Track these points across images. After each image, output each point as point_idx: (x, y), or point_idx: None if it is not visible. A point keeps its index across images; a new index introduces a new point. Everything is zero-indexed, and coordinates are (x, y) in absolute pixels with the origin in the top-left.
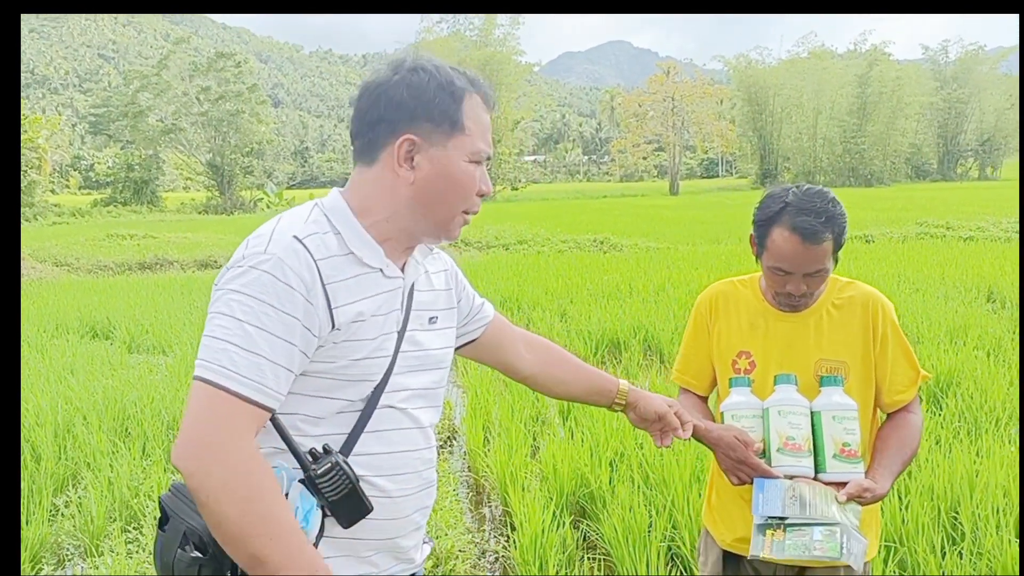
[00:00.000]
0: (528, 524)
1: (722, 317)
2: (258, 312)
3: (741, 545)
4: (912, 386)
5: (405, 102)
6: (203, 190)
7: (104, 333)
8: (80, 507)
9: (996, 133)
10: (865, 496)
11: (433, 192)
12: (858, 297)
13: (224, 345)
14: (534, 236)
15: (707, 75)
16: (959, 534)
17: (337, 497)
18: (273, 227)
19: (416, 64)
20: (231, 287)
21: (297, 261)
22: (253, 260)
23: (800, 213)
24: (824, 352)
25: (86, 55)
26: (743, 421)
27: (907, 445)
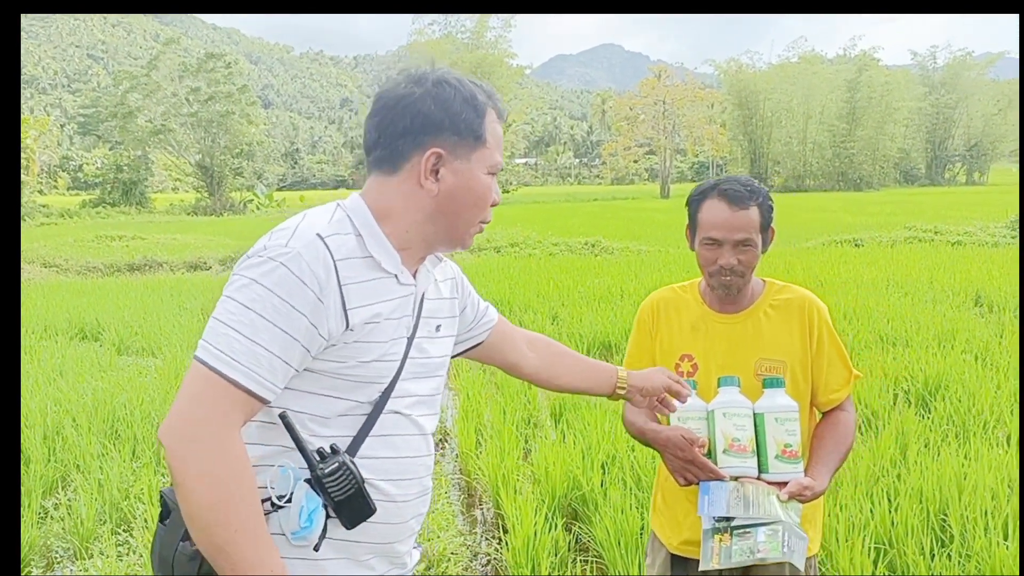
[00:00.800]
0: (520, 526)
1: (664, 322)
2: (266, 302)
3: (687, 548)
4: (846, 385)
5: (433, 115)
6: (192, 191)
7: (93, 335)
8: (70, 510)
9: (984, 138)
10: (805, 494)
11: (455, 204)
12: (794, 299)
13: (226, 330)
14: (525, 239)
15: (698, 79)
16: (948, 536)
17: (342, 497)
18: (298, 223)
19: (440, 78)
20: (246, 274)
21: (315, 258)
22: (273, 252)
23: (727, 184)
24: (764, 352)
25: (75, 55)
26: (690, 423)
27: (842, 443)
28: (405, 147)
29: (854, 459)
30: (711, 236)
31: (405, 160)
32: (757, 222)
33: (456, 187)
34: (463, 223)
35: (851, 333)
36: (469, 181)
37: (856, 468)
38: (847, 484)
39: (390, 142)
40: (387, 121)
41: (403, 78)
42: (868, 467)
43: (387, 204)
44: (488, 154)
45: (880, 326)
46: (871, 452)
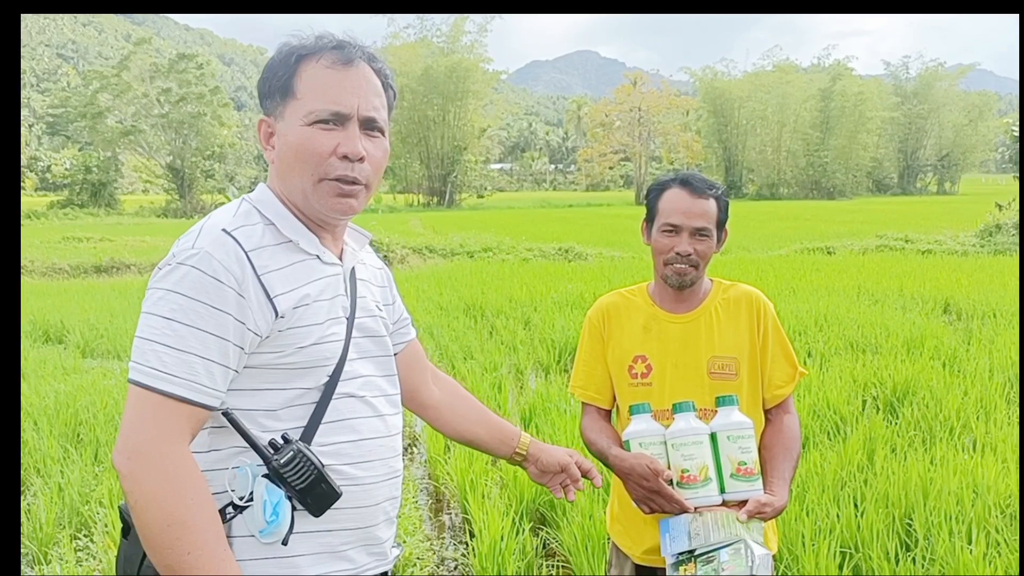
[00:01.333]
0: (487, 531)
1: (615, 326)
2: (187, 309)
3: (651, 557)
4: (790, 382)
5: (260, 87)
6: (163, 193)
7: (57, 337)
8: (29, 514)
9: (955, 149)
10: (765, 511)
11: (284, 165)
12: (742, 296)
13: (153, 346)
14: (499, 244)
15: (674, 86)
16: (913, 540)
17: (304, 484)
18: (202, 224)
19: (281, 47)
20: (161, 286)
21: (226, 254)
22: (181, 256)
23: (687, 176)
24: (716, 350)
25: (44, 54)
26: (651, 449)
27: (792, 448)
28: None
29: (821, 464)
30: (671, 222)
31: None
32: (715, 214)
33: (280, 148)
34: (300, 182)
35: (822, 340)
36: (287, 138)
37: (823, 473)
38: (814, 488)
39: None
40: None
41: None
42: (835, 472)
43: (274, 182)
44: (300, 104)
45: (850, 332)
46: (838, 457)
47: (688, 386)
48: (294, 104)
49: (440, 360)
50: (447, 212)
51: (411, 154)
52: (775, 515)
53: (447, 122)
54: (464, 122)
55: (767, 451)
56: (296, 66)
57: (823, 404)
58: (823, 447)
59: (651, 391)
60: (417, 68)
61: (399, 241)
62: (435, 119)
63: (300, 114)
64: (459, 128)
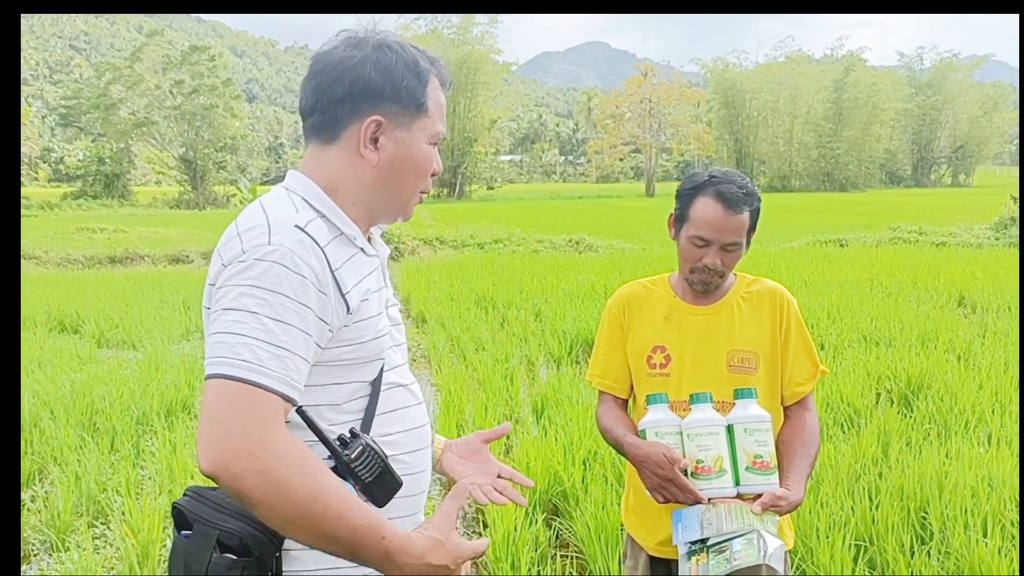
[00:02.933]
0: (500, 522)
1: (635, 315)
2: (274, 304)
3: (665, 548)
4: (811, 380)
5: (373, 81)
6: (175, 185)
7: (73, 327)
8: (46, 502)
9: (969, 140)
10: (780, 504)
11: (397, 174)
12: (765, 291)
13: (243, 340)
14: (509, 236)
15: (685, 78)
16: (928, 534)
17: (372, 478)
18: (264, 219)
19: (382, 42)
20: (239, 282)
21: (305, 250)
22: (259, 253)
23: (723, 183)
24: (736, 343)
25: (57, 46)
26: (668, 439)
27: (810, 446)
28: (343, 114)
29: (835, 457)
30: (702, 236)
31: (344, 128)
32: (747, 225)
33: (396, 156)
34: (405, 193)
35: (835, 332)
36: (410, 150)
37: (838, 466)
38: (828, 482)
39: (328, 108)
40: (324, 86)
41: (342, 41)
42: (850, 465)
43: (332, 177)
44: (430, 123)
45: (864, 325)
46: (853, 450)
47: (707, 378)
48: (424, 120)
49: (452, 351)
50: (457, 203)
51: None
52: (790, 510)
53: (457, 114)
54: (474, 114)
55: (785, 447)
56: (427, 80)
57: (837, 397)
58: (837, 440)
59: (669, 382)
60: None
61: (410, 232)
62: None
63: (428, 132)
64: (469, 120)
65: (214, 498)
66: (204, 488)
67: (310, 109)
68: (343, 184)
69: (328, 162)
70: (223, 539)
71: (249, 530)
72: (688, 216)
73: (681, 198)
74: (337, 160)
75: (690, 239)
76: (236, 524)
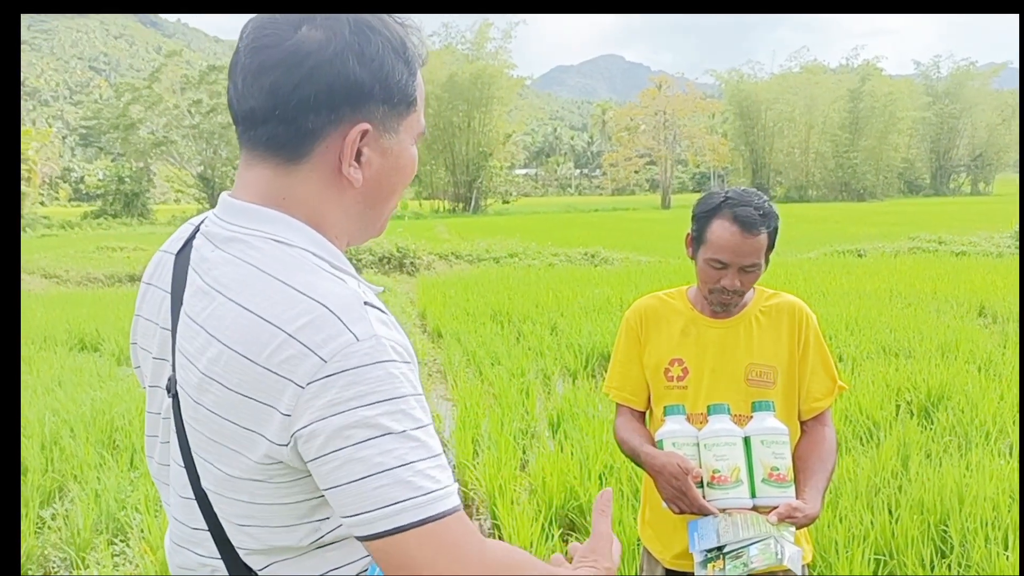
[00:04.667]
0: (517, 537)
1: (653, 329)
2: (408, 411)
3: (681, 561)
4: (828, 396)
5: (359, 78)
6: (194, 203)
7: (93, 345)
8: (67, 519)
9: (988, 148)
10: (796, 515)
11: (385, 190)
12: (784, 305)
13: (406, 473)
14: (525, 249)
15: (699, 89)
16: (948, 547)
17: None
18: (319, 305)
19: (360, 21)
20: (352, 405)
21: (390, 330)
22: (353, 360)
23: (739, 205)
24: (754, 357)
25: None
26: (684, 449)
27: (827, 461)
28: (317, 123)
29: (854, 470)
30: (719, 259)
31: (317, 142)
32: (765, 246)
33: (383, 170)
34: (390, 208)
35: (853, 344)
36: (398, 159)
37: (857, 479)
38: (847, 495)
39: (293, 116)
40: (287, 86)
41: (302, 19)
42: (869, 478)
43: (310, 209)
44: (416, 118)
45: (883, 337)
46: (872, 463)
47: (724, 392)
48: (412, 117)
49: (468, 366)
50: (473, 218)
51: (436, 161)
52: (807, 523)
53: (472, 128)
54: (489, 128)
55: (802, 461)
56: (416, 69)
57: (855, 409)
58: (856, 453)
59: (686, 394)
60: (442, 75)
61: (425, 247)
62: (460, 125)
63: (416, 131)
64: (484, 134)
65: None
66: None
67: (264, 115)
68: (326, 217)
69: (295, 187)
70: None
71: None
72: (705, 238)
73: (697, 220)
74: (309, 184)
75: (707, 261)
76: None
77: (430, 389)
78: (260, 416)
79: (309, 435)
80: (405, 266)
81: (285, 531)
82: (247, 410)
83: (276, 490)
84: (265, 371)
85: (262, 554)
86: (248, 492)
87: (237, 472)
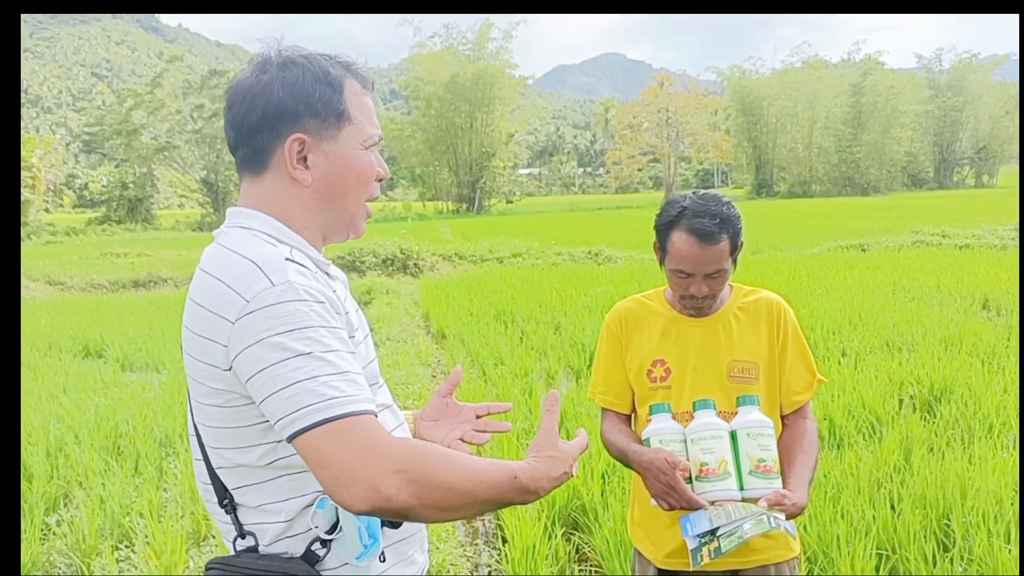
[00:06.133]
0: (520, 537)
1: (634, 331)
2: (316, 338)
3: (673, 560)
4: (808, 389)
5: (284, 102)
6: (197, 207)
7: (97, 351)
8: (72, 526)
9: (992, 141)
10: (785, 503)
11: (337, 187)
12: (762, 302)
13: (316, 380)
14: (528, 249)
15: (701, 86)
16: (951, 541)
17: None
18: (249, 263)
19: (285, 59)
20: (267, 332)
21: (307, 279)
22: (269, 297)
23: (696, 216)
24: (736, 353)
25: (79, 74)
26: (672, 446)
27: (810, 453)
28: (265, 141)
29: (857, 464)
30: (682, 269)
31: (270, 155)
32: (727, 251)
33: (331, 170)
34: (350, 205)
35: (857, 338)
36: (344, 160)
37: (859, 473)
38: (849, 489)
39: (249, 138)
40: (240, 117)
41: (249, 67)
42: (871, 472)
43: (275, 206)
44: (357, 129)
45: (886, 331)
46: (874, 457)
47: (708, 389)
48: (351, 128)
49: (471, 366)
50: (476, 218)
51: (439, 161)
52: (795, 511)
53: (475, 129)
54: (492, 128)
55: (786, 454)
56: (342, 87)
57: (858, 404)
58: (858, 447)
59: (670, 394)
60: (444, 76)
61: (429, 248)
62: (463, 126)
63: (360, 138)
64: (487, 134)
65: (242, 565)
66: (226, 558)
67: (234, 144)
68: (289, 211)
69: (265, 192)
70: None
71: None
72: (667, 250)
73: (659, 232)
74: (273, 188)
75: (672, 271)
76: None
77: (434, 389)
78: (211, 350)
79: (240, 361)
80: (409, 267)
81: (245, 451)
82: (204, 347)
83: (234, 413)
84: (211, 314)
85: (232, 474)
86: (215, 418)
87: (206, 400)
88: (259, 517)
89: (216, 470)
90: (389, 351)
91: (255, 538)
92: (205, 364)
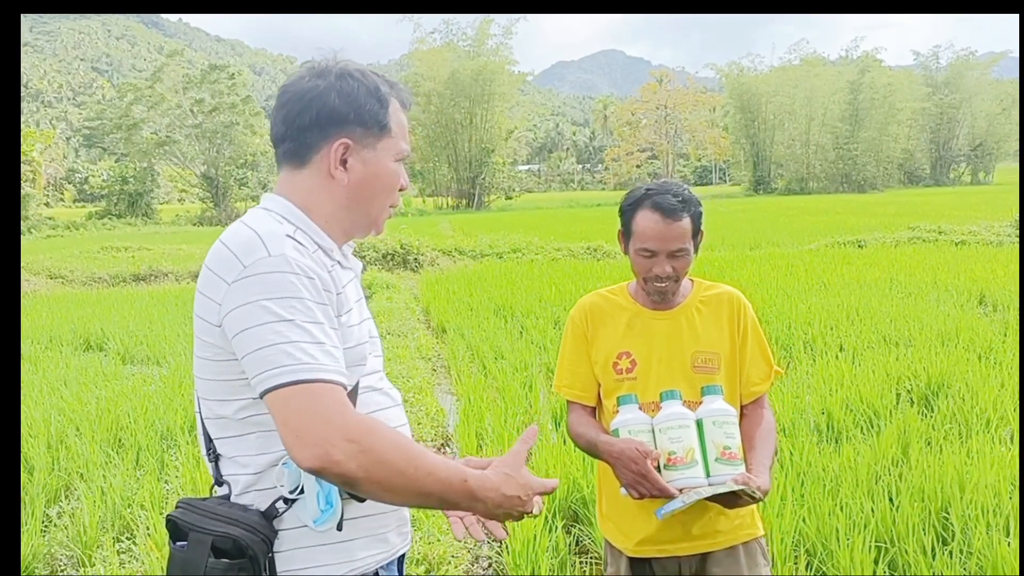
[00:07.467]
0: (520, 529)
1: (599, 325)
2: (300, 308)
3: (644, 548)
4: (766, 380)
5: (338, 108)
6: (198, 202)
7: (98, 345)
8: (73, 518)
9: (988, 138)
10: (750, 484)
11: (367, 191)
12: (723, 295)
13: (292, 344)
14: (528, 245)
15: (700, 83)
16: (950, 534)
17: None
18: (254, 233)
19: (343, 70)
20: (256, 296)
21: (302, 256)
22: (264, 266)
23: (659, 194)
24: (700, 345)
25: (80, 68)
26: (640, 436)
27: (769, 440)
28: (312, 139)
29: (855, 458)
30: (647, 247)
31: (314, 152)
32: (689, 231)
33: (365, 175)
34: (375, 209)
35: (854, 334)
36: (377, 169)
37: (857, 467)
38: (848, 483)
39: (297, 135)
40: (293, 115)
41: (306, 71)
42: (869, 466)
43: (306, 197)
44: (394, 143)
45: (883, 326)
46: (872, 451)
47: (673, 379)
48: (388, 140)
49: (471, 361)
50: (476, 214)
51: (439, 158)
52: (762, 497)
53: (474, 125)
54: (491, 124)
55: (746, 441)
56: (388, 103)
57: (856, 398)
58: (856, 441)
59: (636, 385)
60: (444, 72)
61: (429, 244)
62: (462, 122)
63: (393, 151)
64: (486, 131)
65: (205, 507)
66: (195, 499)
67: (281, 137)
68: (317, 204)
69: (300, 184)
70: (217, 544)
71: (242, 533)
72: (632, 231)
73: (624, 214)
74: (309, 182)
75: (637, 252)
76: (229, 529)
77: (434, 384)
78: (208, 307)
79: (230, 319)
80: (409, 262)
81: (226, 404)
82: (204, 304)
83: (219, 366)
84: (213, 274)
85: (215, 424)
86: (204, 369)
87: (200, 352)
88: (233, 468)
89: (204, 420)
90: (389, 345)
91: (229, 487)
92: (202, 320)
